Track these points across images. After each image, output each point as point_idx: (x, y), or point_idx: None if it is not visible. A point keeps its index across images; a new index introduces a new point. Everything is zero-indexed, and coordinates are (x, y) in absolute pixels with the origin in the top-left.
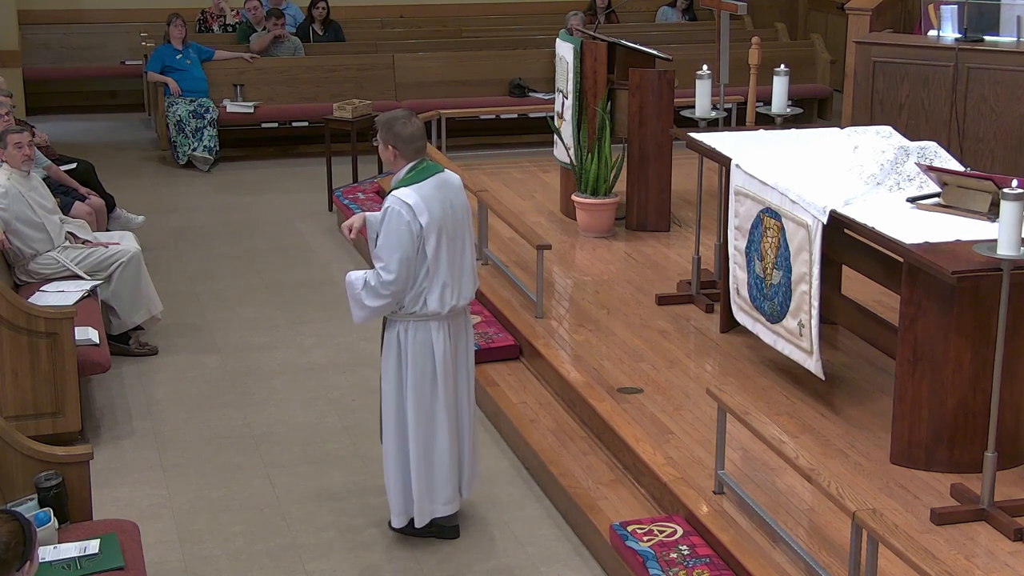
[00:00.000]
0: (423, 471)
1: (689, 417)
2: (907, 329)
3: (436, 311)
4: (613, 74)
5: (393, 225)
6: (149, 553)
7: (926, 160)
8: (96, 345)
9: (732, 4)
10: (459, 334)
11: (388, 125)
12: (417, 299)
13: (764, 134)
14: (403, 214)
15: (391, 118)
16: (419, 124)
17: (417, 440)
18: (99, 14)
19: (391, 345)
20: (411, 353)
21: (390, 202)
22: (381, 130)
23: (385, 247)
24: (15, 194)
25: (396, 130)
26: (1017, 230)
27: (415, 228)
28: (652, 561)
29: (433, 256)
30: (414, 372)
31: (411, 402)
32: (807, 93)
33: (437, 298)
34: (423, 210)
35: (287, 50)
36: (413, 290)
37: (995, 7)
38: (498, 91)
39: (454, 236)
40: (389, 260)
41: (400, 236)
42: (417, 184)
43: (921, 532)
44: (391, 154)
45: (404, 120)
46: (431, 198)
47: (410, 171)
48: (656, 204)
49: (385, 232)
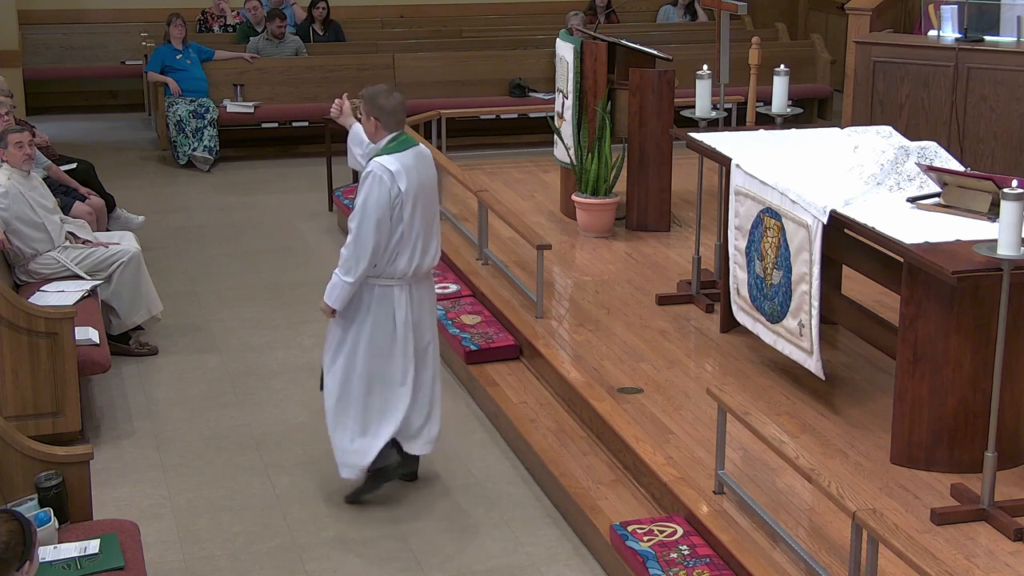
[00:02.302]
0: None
1: (689, 417)
2: (907, 329)
3: (403, 272)
4: (613, 74)
5: (374, 188)
6: (149, 553)
7: (926, 160)
8: (96, 345)
9: (732, 4)
10: (423, 298)
11: (372, 98)
12: (389, 259)
13: (764, 134)
14: (384, 179)
15: (375, 92)
16: (400, 98)
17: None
18: (99, 14)
19: (353, 302)
20: (373, 312)
21: (372, 167)
22: (365, 102)
23: (361, 208)
24: (15, 194)
25: (380, 102)
26: (1017, 230)
27: (394, 193)
28: (652, 561)
29: (408, 221)
30: (373, 330)
31: (366, 358)
32: (807, 93)
33: (406, 260)
34: (403, 176)
35: (288, 50)
36: (387, 251)
37: (995, 7)
38: (498, 91)
39: (427, 204)
40: (363, 220)
41: (379, 199)
42: (398, 153)
43: (921, 532)
44: (373, 125)
45: (387, 93)
46: (410, 167)
47: (390, 141)
48: (656, 204)
49: (365, 194)
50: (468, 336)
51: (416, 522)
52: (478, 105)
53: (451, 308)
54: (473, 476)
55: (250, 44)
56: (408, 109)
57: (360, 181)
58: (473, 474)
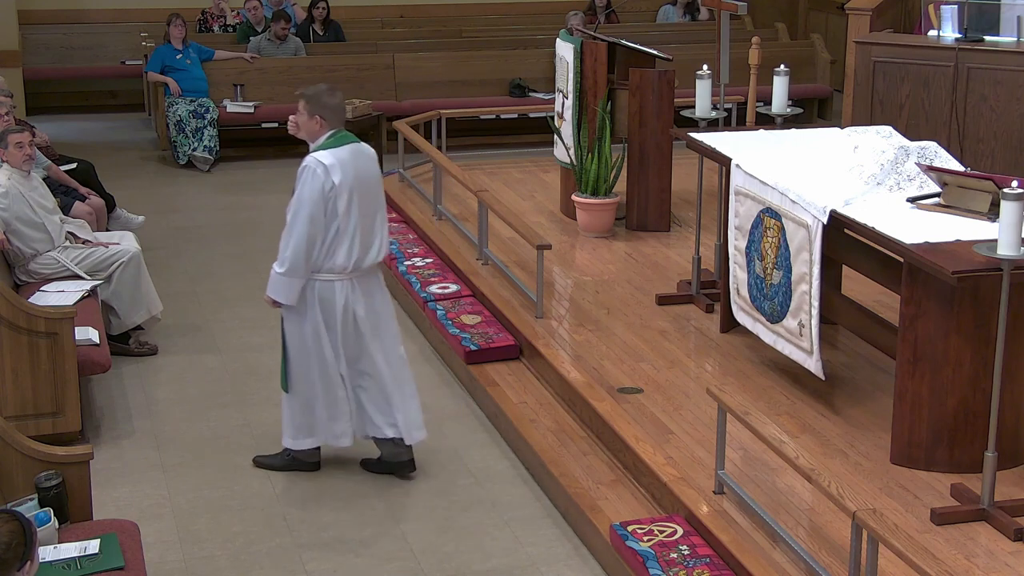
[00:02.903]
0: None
1: (689, 417)
2: (907, 329)
3: (343, 266)
4: (613, 74)
5: (307, 180)
6: (149, 553)
7: (926, 160)
8: (96, 345)
9: (732, 4)
10: (372, 293)
11: (316, 97)
12: (327, 253)
13: (764, 134)
14: (318, 172)
15: (318, 91)
16: (341, 96)
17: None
18: (99, 14)
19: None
20: (313, 308)
21: (308, 162)
22: (309, 102)
23: (296, 201)
24: (15, 194)
25: (324, 101)
26: (1017, 230)
27: (327, 186)
28: (652, 561)
29: (344, 214)
30: (317, 325)
31: (312, 350)
32: (807, 93)
33: (345, 253)
34: (337, 170)
35: (288, 51)
36: (324, 245)
37: (995, 7)
38: (498, 91)
39: (364, 200)
40: (296, 213)
41: (312, 192)
42: (334, 148)
43: (921, 532)
44: (316, 123)
45: (330, 92)
46: (346, 162)
47: (329, 138)
48: (656, 204)
49: (300, 188)
50: (468, 336)
51: (416, 522)
52: (478, 105)
53: (451, 308)
54: (473, 476)
55: (251, 44)
56: (408, 110)
57: (296, 177)
58: (473, 474)
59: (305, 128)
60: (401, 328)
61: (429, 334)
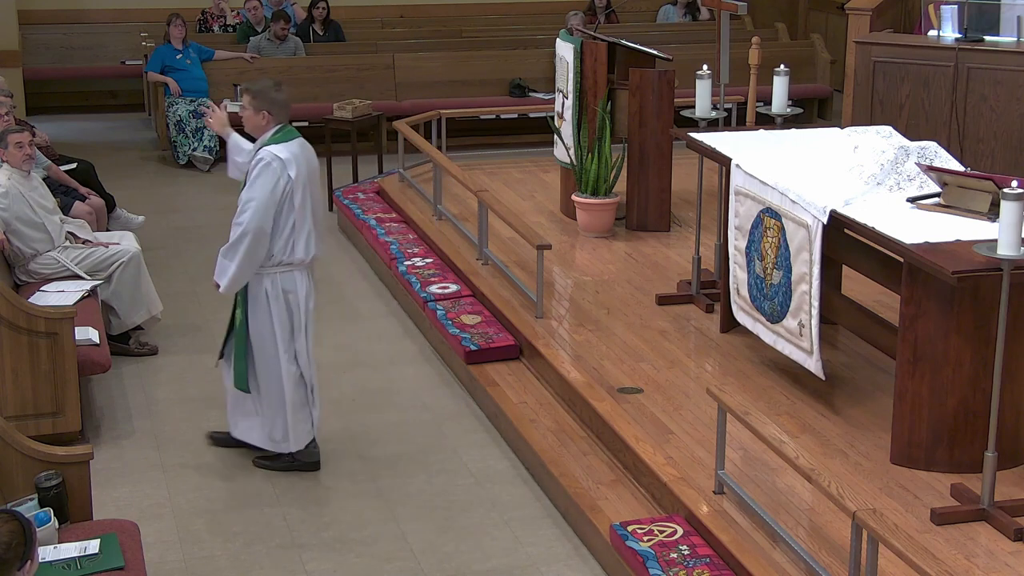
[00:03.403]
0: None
1: (689, 417)
2: (907, 329)
3: (302, 259)
4: (613, 74)
5: (265, 175)
6: (149, 553)
7: (926, 160)
8: (96, 345)
9: (732, 4)
10: (311, 285)
11: (264, 92)
12: (286, 248)
13: (764, 134)
14: (275, 166)
15: (265, 86)
16: (286, 91)
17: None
18: (99, 14)
19: (260, 297)
20: (278, 302)
21: (264, 155)
22: (256, 97)
23: (249, 193)
24: (15, 194)
25: (272, 96)
26: (1017, 230)
27: (284, 180)
28: (652, 561)
29: (300, 208)
30: (280, 319)
31: (281, 346)
32: (807, 93)
33: (303, 246)
34: (292, 164)
35: (287, 50)
36: (282, 239)
37: (995, 7)
38: (498, 91)
39: (314, 194)
40: (246, 203)
41: (266, 186)
42: (286, 143)
43: (921, 532)
44: (263, 118)
45: (276, 87)
46: (298, 156)
47: (277, 132)
48: (656, 204)
49: (253, 180)
50: (468, 336)
51: (416, 522)
52: (478, 105)
53: (451, 308)
54: (473, 476)
55: (251, 44)
56: (408, 110)
57: (250, 170)
58: (473, 474)
59: (251, 123)
60: (401, 328)
61: (429, 334)
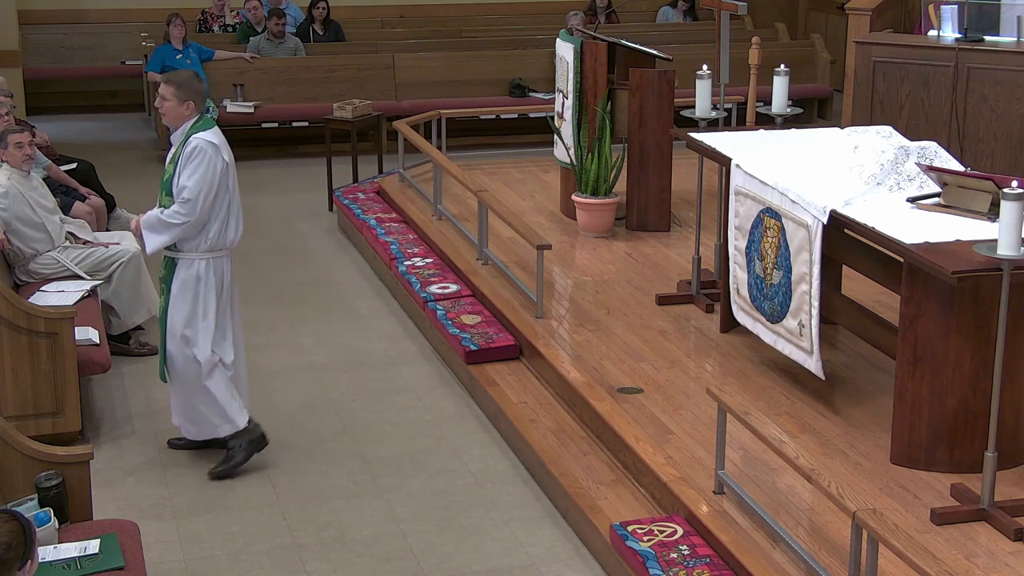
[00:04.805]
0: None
1: (689, 417)
2: (907, 329)
3: (232, 241)
4: (613, 74)
5: (204, 161)
6: (149, 553)
7: (926, 160)
8: (96, 345)
9: (732, 4)
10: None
11: (187, 83)
12: (221, 230)
13: (764, 134)
14: (211, 152)
15: (188, 76)
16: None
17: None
18: (99, 14)
19: (189, 281)
20: (208, 284)
21: (197, 143)
22: (181, 88)
23: (190, 180)
24: (15, 194)
25: (195, 86)
26: (1017, 230)
27: (220, 165)
28: (652, 561)
29: (232, 191)
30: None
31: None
32: (807, 93)
33: (235, 228)
34: (224, 149)
35: (287, 50)
36: (218, 222)
37: (995, 7)
38: (498, 91)
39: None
40: (192, 191)
41: (206, 171)
42: (211, 130)
43: (921, 532)
44: (187, 108)
45: (197, 78)
46: (224, 141)
47: (198, 120)
48: (656, 204)
49: (193, 168)
50: (468, 336)
51: (416, 522)
52: (478, 105)
53: (451, 308)
54: (473, 476)
55: (250, 44)
56: (408, 110)
57: (184, 158)
58: (473, 474)
59: (174, 113)
60: (401, 328)
61: (429, 334)
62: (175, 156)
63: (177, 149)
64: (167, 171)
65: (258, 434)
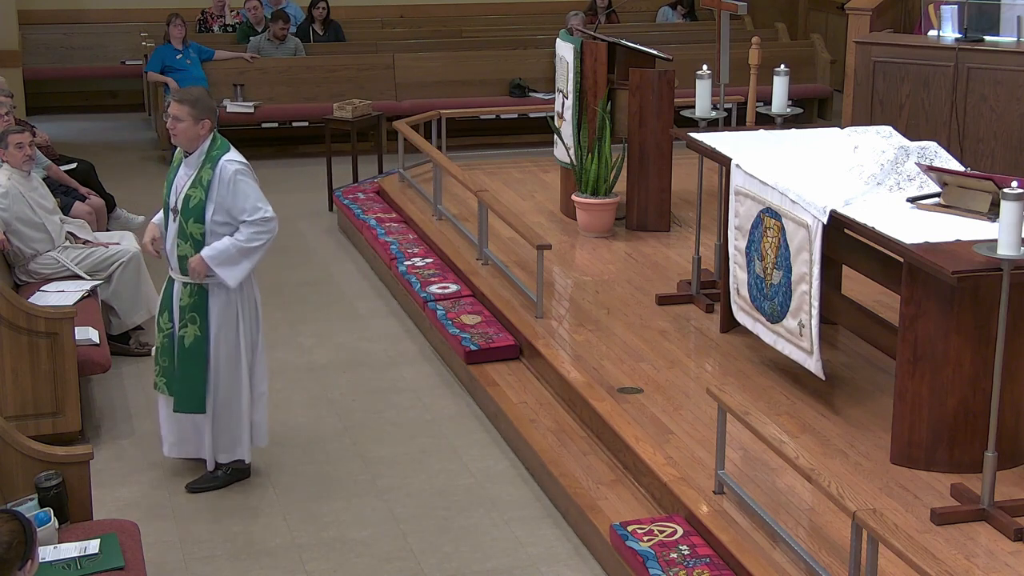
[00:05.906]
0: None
1: (689, 417)
2: (907, 329)
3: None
4: (613, 74)
5: (251, 179)
6: (149, 553)
7: (926, 160)
8: (96, 345)
9: (732, 4)
10: None
11: (201, 100)
12: None
13: (764, 134)
14: (249, 171)
15: (199, 94)
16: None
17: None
18: (99, 14)
19: (230, 305)
20: (246, 307)
21: (235, 167)
22: (195, 107)
23: (248, 201)
24: (15, 194)
25: (209, 103)
26: (1017, 230)
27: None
28: (652, 561)
29: None
30: (246, 329)
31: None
32: (807, 93)
33: None
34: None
35: (287, 50)
36: None
37: (995, 7)
38: (498, 91)
39: None
40: (266, 208)
41: (257, 188)
42: (232, 150)
43: (921, 532)
44: (203, 127)
45: (207, 92)
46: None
47: (216, 140)
48: (656, 204)
49: (245, 190)
50: (468, 336)
51: (416, 522)
52: (478, 105)
53: (451, 308)
54: (473, 476)
55: (251, 44)
56: (408, 110)
57: (222, 185)
58: (473, 474)
59: (190, 134)
60: (401, 328)
61: (429, 334)
62: (201, 181)
63: (200, 173)
64: (193, 196)
65: (245, 466)
